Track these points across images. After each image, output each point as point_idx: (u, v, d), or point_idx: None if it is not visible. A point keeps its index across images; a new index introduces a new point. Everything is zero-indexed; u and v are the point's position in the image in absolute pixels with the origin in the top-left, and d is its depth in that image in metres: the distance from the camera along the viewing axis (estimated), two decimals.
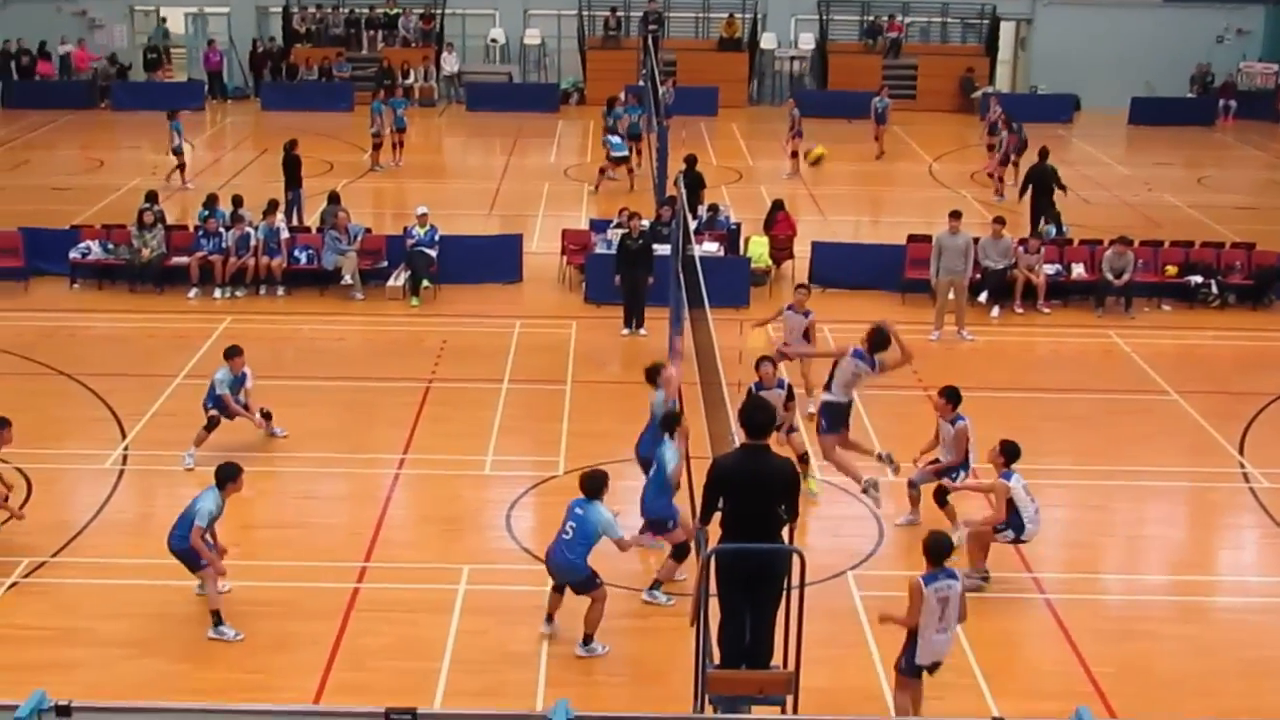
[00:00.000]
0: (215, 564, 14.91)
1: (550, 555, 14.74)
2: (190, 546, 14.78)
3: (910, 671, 12.93)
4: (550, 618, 14.90)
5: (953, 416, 17.16)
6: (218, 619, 14.78)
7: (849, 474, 18.04)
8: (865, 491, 17.72)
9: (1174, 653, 15.09)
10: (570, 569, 14.57)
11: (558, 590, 14.88)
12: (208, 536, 14.96)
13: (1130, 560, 17.49)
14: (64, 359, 22.82)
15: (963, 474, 17.28)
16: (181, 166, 35.63)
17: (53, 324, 24.82)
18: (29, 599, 15.52)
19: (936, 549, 12.91)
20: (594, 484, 14.72)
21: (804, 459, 18.16)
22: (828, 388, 18.34)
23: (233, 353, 19.50)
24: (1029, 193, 31.51)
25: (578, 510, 14.60)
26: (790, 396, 18.35)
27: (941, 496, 17.34)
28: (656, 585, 15.80)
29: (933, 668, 13.01)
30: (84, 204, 32.91)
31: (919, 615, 12.69)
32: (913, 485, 17.58)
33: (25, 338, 23.54)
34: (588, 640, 14.60)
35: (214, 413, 19.18)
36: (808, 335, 20.96)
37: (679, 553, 15.83)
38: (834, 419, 18.19)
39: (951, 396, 17.25)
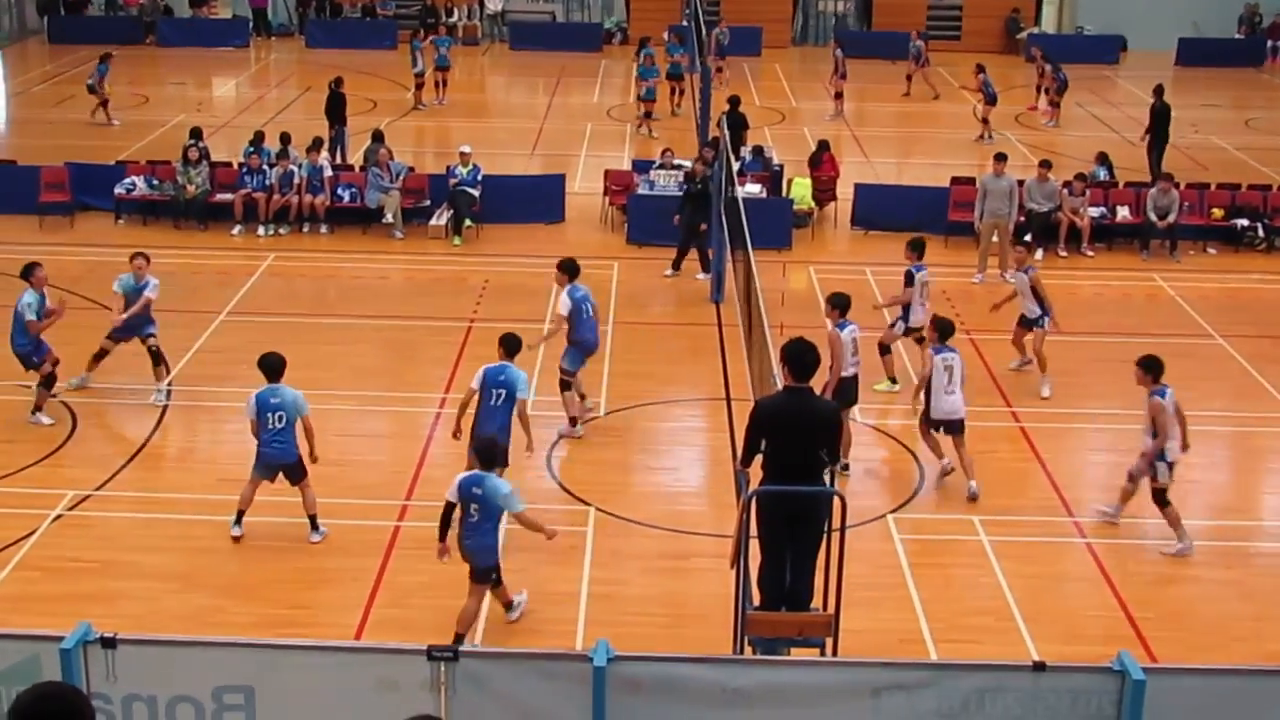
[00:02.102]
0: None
1: (460, 541, 13.60)
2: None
3: (931, 425, 17.02)
4: (508, 605, 14.15)
5: (1156, 389, 15.87)
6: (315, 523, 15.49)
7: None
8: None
9: (1216, 598, 15.07)
10: (483, 552, 13.54)
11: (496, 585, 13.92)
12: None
13: (1173, 505, 17.39)
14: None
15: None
16: (104, 104, 35.51)
17: (98, 259, 24.90)
18: (74, 531, 15.68)
19: (944, 329, 17.14)
20: (488, 453, 13.71)
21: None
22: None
23: (29, 271, 18.49)
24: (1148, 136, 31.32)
25: (475, 489, 13.42)
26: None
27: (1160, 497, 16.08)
28: None
29: (949, 425, 16.88)
30: (130, 140, 33.01)
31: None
32: (1131, 479, 16.20)
33: (71, 272, 23.64)
34: (509, 606, 14.08)
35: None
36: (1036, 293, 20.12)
37: None
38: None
39: (1150, 367, 16.04)
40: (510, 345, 16.10)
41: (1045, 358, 19.92)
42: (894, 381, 19.98)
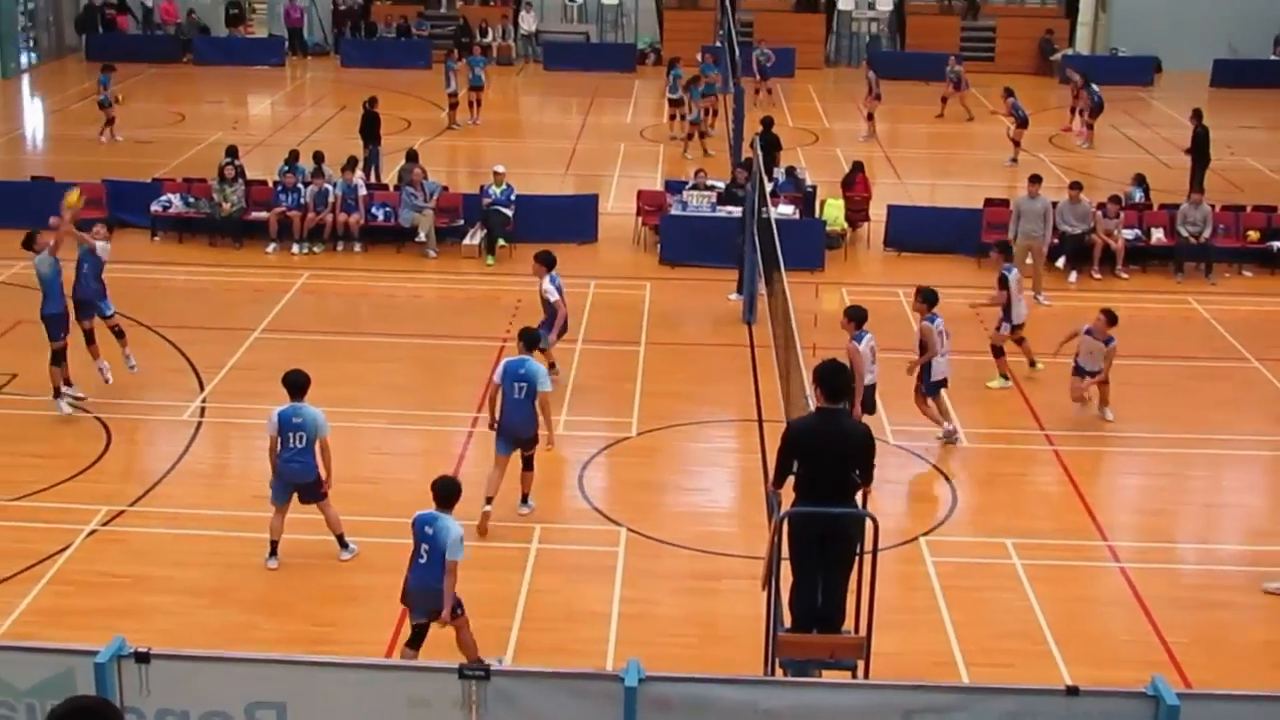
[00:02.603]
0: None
1: (407, 584, 13.21)
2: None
3: (930, 390, 18.75)
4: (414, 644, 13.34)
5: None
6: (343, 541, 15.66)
7: None
8: None
9: (1250, 623, 14.99)
10: (431, 595, 12.99)
11: (413, 643, 13.25)
12: None
13: (1207, 528, 17.35)
14: (144, 310, 23.04)
15: None
16: (109, 121, 35.72)
17: (133, 276, 25.02)
18: (108, 546, 15.76)
19: (929, 298, 18.89)
20: (446, 493, 13.25)
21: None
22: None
23: (29, 240, 19.35)
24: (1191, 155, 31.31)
25: (427, 529, 13.05)
26: None
27: None
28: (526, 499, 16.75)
29: (941, 384, 18.69)
30: (166, 157, 33.20)
31: (936, 347, 18.44)
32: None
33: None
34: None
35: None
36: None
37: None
38: None
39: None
40: (529, 339, 16.75)
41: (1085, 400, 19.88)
42: (1006, 378, 20.75)
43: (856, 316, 17.89)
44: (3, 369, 20.07)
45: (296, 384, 15.46)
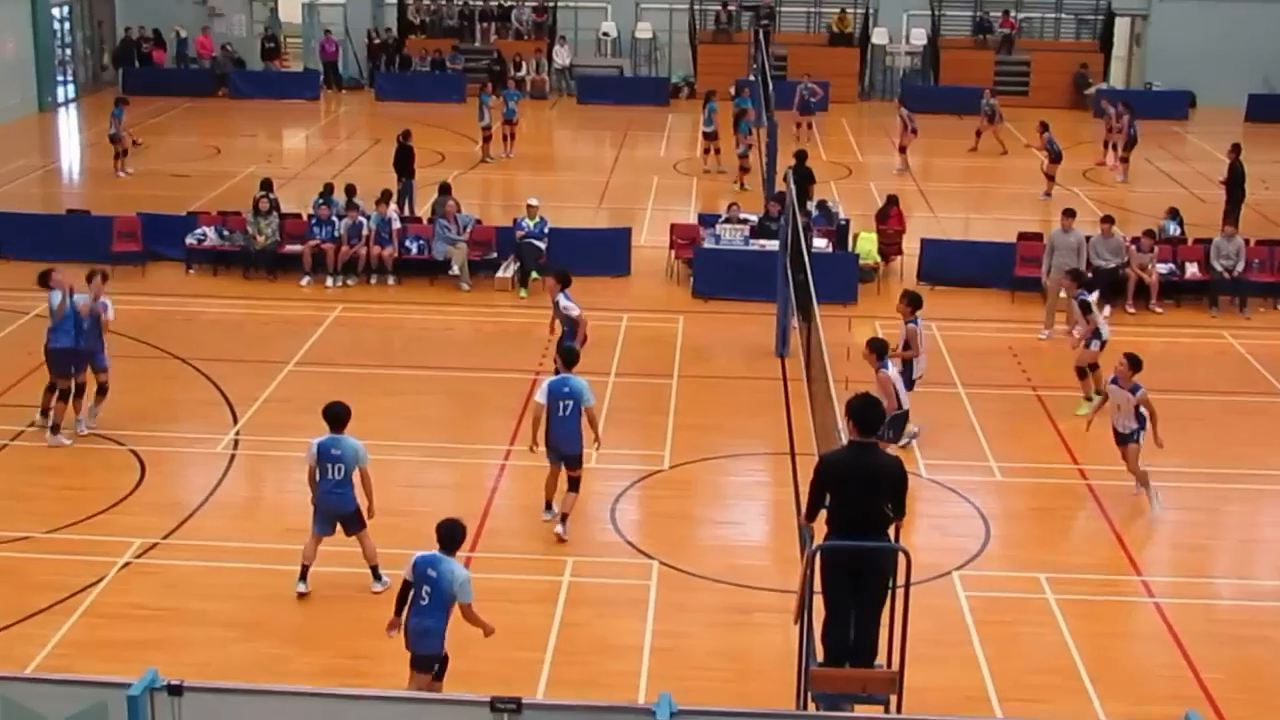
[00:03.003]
0: None
1: (406, 625, 13.04)
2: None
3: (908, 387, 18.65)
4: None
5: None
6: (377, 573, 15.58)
7: None
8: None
9: None
10: (428, 637, 12.92)
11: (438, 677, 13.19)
12: None
13: (1242, 563, 17.24)
14: (178, 343, 23.17)
15: None
16: (120, 154, 35.99)
17: (168, 308, 25.21)
18: (141, 579, 15.79)
19: (915, 301, 19.60)
20: (451, 535, 13.12)
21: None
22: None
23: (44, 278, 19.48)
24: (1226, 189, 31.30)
25: (430, 571, 12.90)
26: None
27: None
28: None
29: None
30: (201, 190, 33.40)
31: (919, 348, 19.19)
32: None
33: (142, 321, 23.89)
34: None
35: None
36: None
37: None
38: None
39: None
40: (568, 357, 17.26)
41: (1145, 474, 18.29)
42: (1089, 400, 20.76)
43: (878, 348, 18.17)
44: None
45: (336, 416, 15.49)
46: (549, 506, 17.25)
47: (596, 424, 17.07)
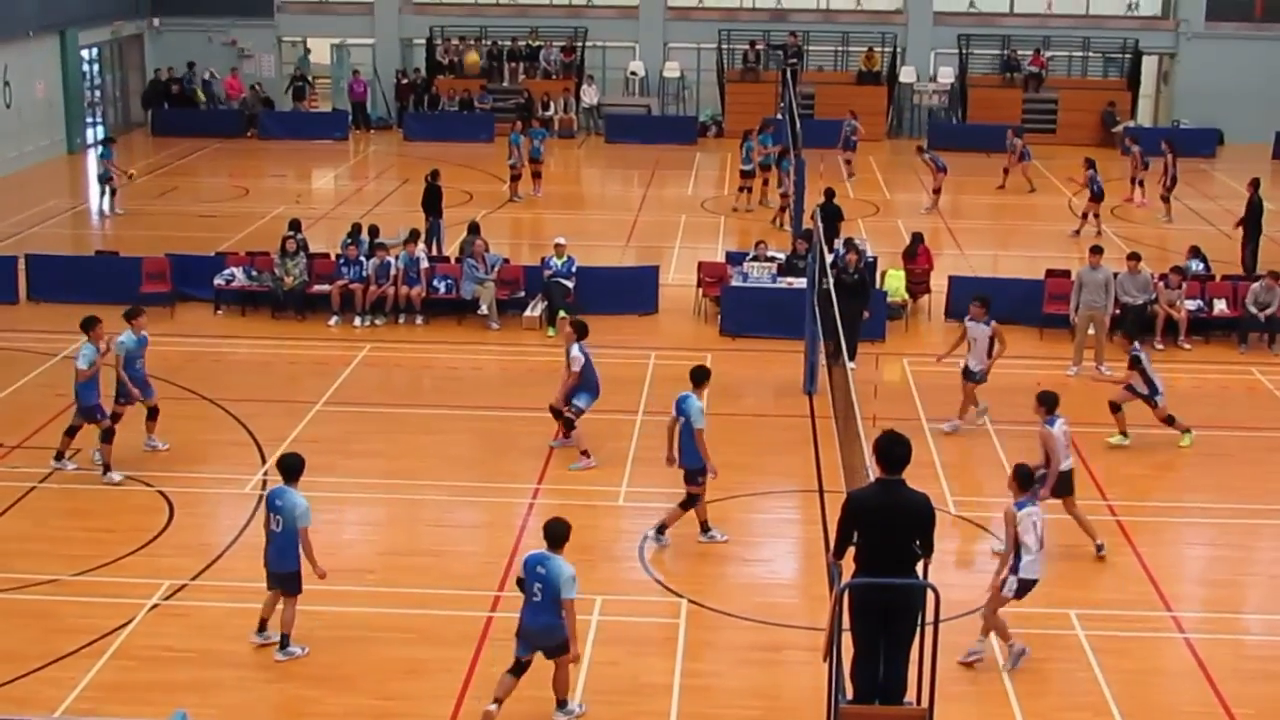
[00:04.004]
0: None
1: (522, 621, 13.71)
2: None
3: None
4: (499, 701, 13.71)
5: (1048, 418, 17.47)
6: (287, 641, 15.07)
7: None
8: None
9: None
10: (546, 632, 13.54)
11: (514, 671, 13.77)
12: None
13: (1273, 599, 17.14)
14: (207, 383, 23.26)
15: None
16: (110, 193, 36.28)
17: (197, 349, 25.31)
18: (170, 620, 15.82)
19: (1045, 400, 17.41)
20: (556, 534, 13.62)
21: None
22: None
23: (89, 324, 19.70)
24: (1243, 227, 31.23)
25: (539, 569, 13.47)
26: None
27: None
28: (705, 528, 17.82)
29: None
30: (229, 231, 33.56)
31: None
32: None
33: (170, 362, 23.99)
34: (563, 705, 13.90)
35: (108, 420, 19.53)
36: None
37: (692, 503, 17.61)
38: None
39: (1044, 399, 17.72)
40: (697, 376, 18.06)
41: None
42: (1125, 435, 21.01)
43: (1047, 401, 17.55)
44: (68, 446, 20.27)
45: (285, 466, 15.18)
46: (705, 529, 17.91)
47: (704, 448, 17.41)
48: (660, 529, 17.80)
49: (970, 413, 21.95)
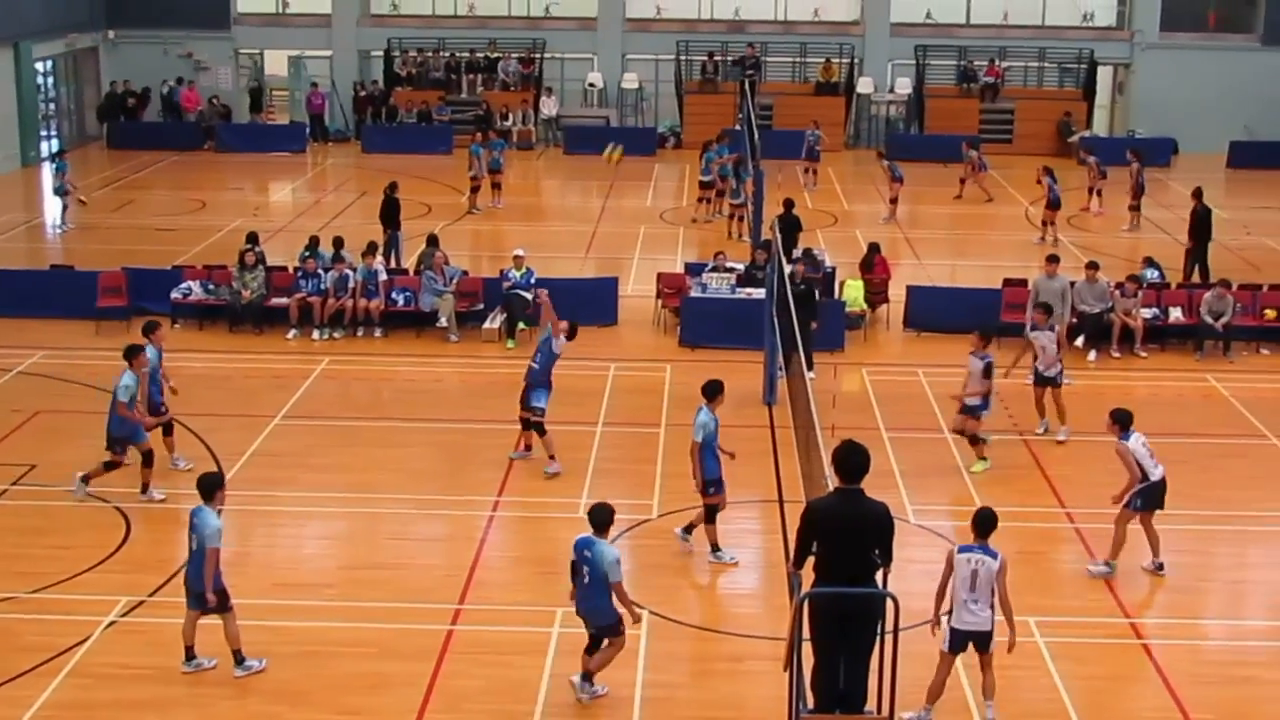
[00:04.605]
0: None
1: (577, 604, 14.39)
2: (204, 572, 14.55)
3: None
4: (586, 677, 14.42)
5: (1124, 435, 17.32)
6: (240, 657, 14.83)
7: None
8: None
9: (1276, 698, 14.88)
10: (596, 613, 14.22)
11: (589, 650, 14.43)
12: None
13: (1231, 605, 17.25)
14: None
15: None
16: (65, 207, 36.19)
17: None
18: (128, 637, 15.71)
19: (1119, 418, 17.18)
20: (598, 518, 14.25)
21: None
22: None
23: (132, 352, 19.23)
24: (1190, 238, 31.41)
25: (586, 553, 14.09)
26: None
27: None
28: (714, 549, 17.66)
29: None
30: (186, 244, 33.42)
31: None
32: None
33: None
34: (587, 677, 14.36)
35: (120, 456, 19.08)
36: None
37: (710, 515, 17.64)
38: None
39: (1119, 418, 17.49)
40: (706, 390, 18.04)
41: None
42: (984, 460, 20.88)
43: (1121, 419, 17.34)
44: (21, 460, 20.16)
45: (201, 486, 14.96)
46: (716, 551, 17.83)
47: (694, 459, 17.64)
48: (688, 528, 18.10)
49: (1056, 420, 22.23)
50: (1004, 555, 13.79)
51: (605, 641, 14.24)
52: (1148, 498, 17.13)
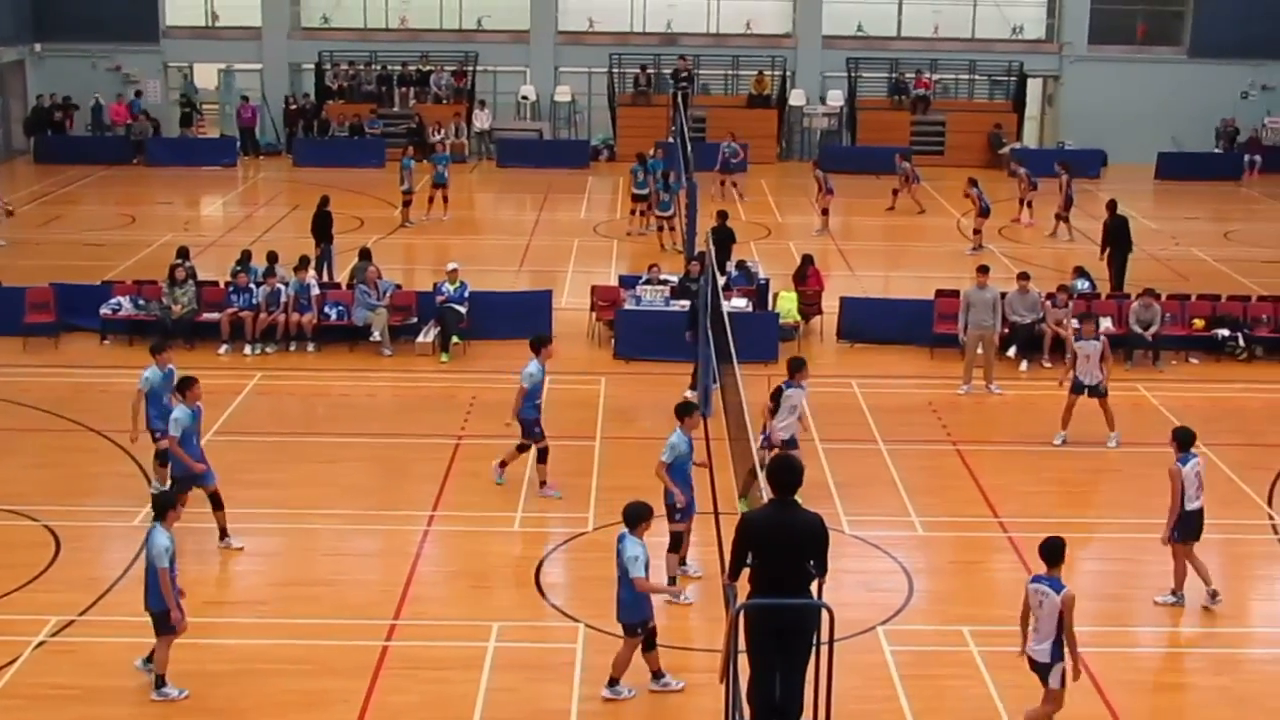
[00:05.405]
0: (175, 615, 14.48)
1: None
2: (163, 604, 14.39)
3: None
4: (656, 674, 14.85)
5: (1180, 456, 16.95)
6: (161, 681, 14.64)
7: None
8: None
9: (1206, 704, 15.06)
10: (619, 606, 14.56)
11: (645, 646, 14.76)
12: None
13: (1161, 612, 17.33)
14: (94, 415, 22.89)
15: None
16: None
17: (83, 380, 24.95)
18: (58, 658, 15.52)
19: (1179, 438, 16.87)
20: (630, 515, 14.56)
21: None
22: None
23: (186, 384, 18.44)
24: (1108, 249, 31.65)
25: (618, 547, 14.48)
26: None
27: None
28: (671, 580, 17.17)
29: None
30: (116, 259, 33.13)
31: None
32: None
33: (56, 393, 23.64)
34: (613, 683, 14.62)
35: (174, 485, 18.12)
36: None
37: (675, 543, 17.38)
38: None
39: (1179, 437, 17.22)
40: (677, 410, 17.69)
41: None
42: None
43: (1182, 439, 17.06)
44: None
45: (153, 504, 14.95)
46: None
47: (664, 480, 17.31)
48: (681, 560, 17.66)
49: (1105, 428, 22.47)
50: (1071, 589, 13.60)
51: (636, 642, 14.54)
52: (1183, 529, 16.86)
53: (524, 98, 52.73)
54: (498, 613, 16.60)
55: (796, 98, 52.21)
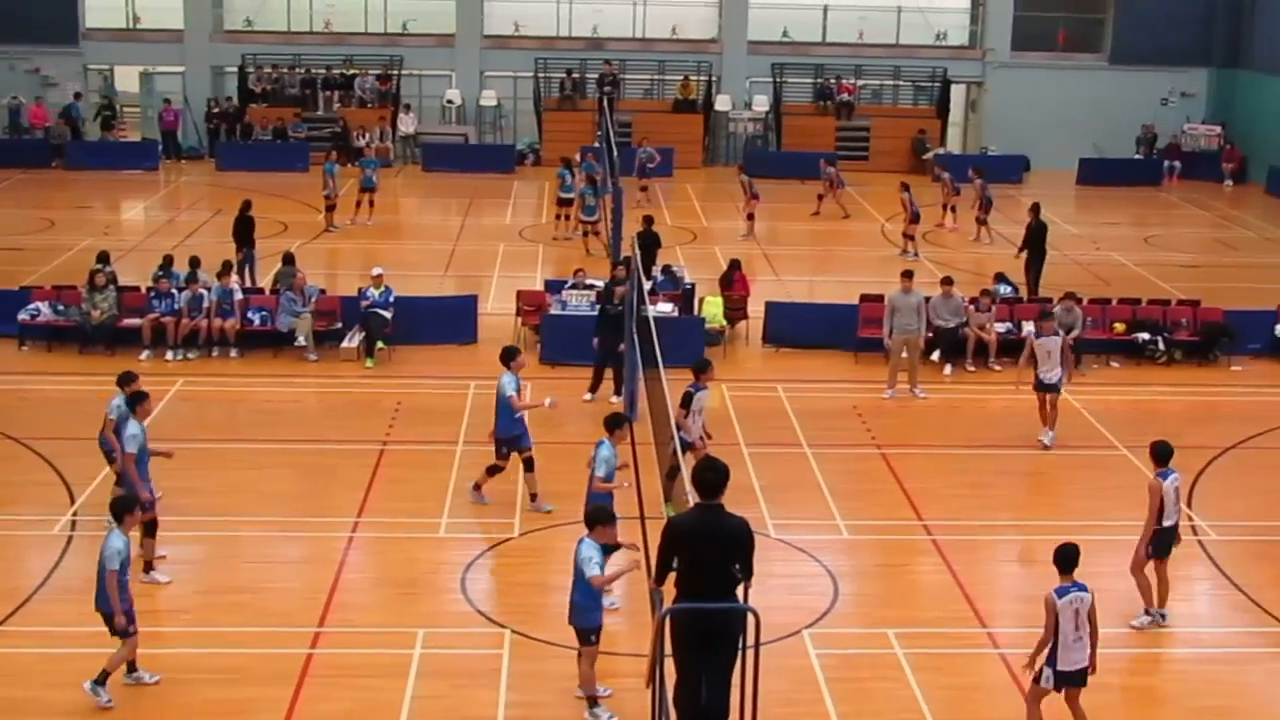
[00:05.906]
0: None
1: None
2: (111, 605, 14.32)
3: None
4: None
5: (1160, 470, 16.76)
6: (104, 677, 14.50)
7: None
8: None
9: (1125, 704, 15.26)
10: (571, 611, 14.47)
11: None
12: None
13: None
14: (11, 422, 22.61)
15: None
16: None
17: (0, 386, 24.64)
18: None
19: (1157, 453, 16.55)
20: (588, 517, 14.64)
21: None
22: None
23: (137, 399, 17.87)
24: (1025, 252, 31.86)
25: (577, 547, 14.38)
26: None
27: None
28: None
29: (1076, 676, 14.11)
30: (34, 264, 32.72)
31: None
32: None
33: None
34: (593, 703, 14.48)
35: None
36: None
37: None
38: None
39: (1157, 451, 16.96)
40: (611, 423, 17.62)
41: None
42: None
43: (1160, 454, 16.79)
44: None
45: (112, 507, 14.92)
46: None
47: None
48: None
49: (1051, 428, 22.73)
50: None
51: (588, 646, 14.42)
52: (1156, 544, 16.84)
53: (449, 102, 52.54)
54: (423, 619, 16.54)
55: (722, 103, 52.33)
